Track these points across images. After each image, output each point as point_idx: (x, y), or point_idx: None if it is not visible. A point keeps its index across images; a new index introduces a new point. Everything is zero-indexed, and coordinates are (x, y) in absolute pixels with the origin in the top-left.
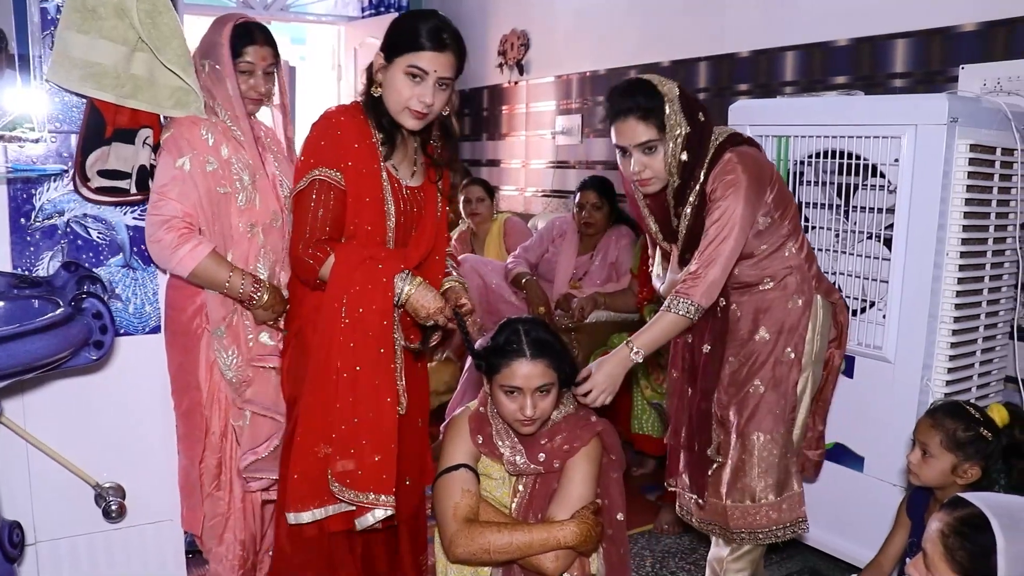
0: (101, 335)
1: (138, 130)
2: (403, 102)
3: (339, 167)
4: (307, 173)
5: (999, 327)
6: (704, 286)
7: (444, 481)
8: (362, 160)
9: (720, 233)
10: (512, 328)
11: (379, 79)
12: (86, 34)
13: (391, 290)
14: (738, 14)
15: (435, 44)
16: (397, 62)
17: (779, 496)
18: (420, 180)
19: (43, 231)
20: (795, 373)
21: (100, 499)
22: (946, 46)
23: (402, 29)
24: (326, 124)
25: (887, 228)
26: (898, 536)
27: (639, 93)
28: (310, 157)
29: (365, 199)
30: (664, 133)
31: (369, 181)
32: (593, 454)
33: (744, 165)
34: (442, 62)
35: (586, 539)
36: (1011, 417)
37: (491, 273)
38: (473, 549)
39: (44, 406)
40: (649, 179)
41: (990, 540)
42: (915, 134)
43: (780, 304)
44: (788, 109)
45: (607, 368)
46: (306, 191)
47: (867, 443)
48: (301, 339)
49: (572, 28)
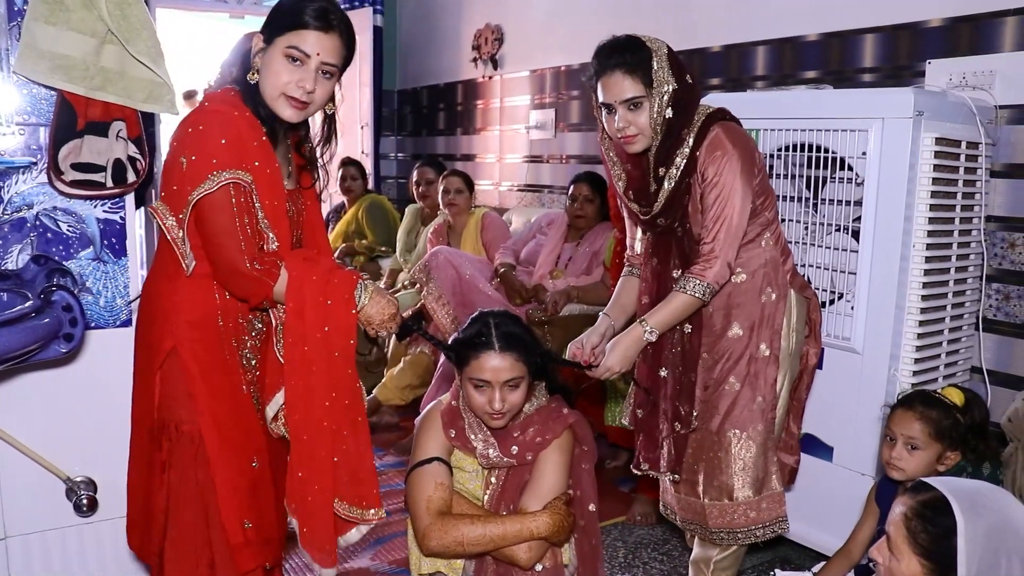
0: (71, 328)
1: (111, 123)
2: (280, 87)
3: (245, 167)
4: (210, 175)
5: (965, 318)
6: (717, 266)
7: (417, 475)
8: (263, 159)
9: (723, 211)
10: (483, 321)
11: (256, 64)
12: (53, 25)
13: (354, 305)
14: (709, 9)
15: (320, 23)
16: (277, 43)
17: (758, 495)
18: (294, 184)
19: (12, 224)
20: (772, 370)
21: (71, 493)
22: (913, 41)
23: (284, 8)
24: (221, 119)
25: (855, 220)
26: (867, 524)
27: (626, 48)
28: (210, 157)
29: (273, 202)
30: (651, 89)
31: (274, 182)
32: (565, 445)
33: (733, 140)
34: (326, 44)
35: (558, 530)
36: (965, 397)
37: (465, 264)
38: (447, 542)
39: (14, 399)
40: (634, 136)
41: (951, 523)
42: (882, 127)
43: (753, 298)
44: (758, 103)
45: (621, 349)
46: (219, 197)
47: (836, 433)
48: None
49: (546, 22)
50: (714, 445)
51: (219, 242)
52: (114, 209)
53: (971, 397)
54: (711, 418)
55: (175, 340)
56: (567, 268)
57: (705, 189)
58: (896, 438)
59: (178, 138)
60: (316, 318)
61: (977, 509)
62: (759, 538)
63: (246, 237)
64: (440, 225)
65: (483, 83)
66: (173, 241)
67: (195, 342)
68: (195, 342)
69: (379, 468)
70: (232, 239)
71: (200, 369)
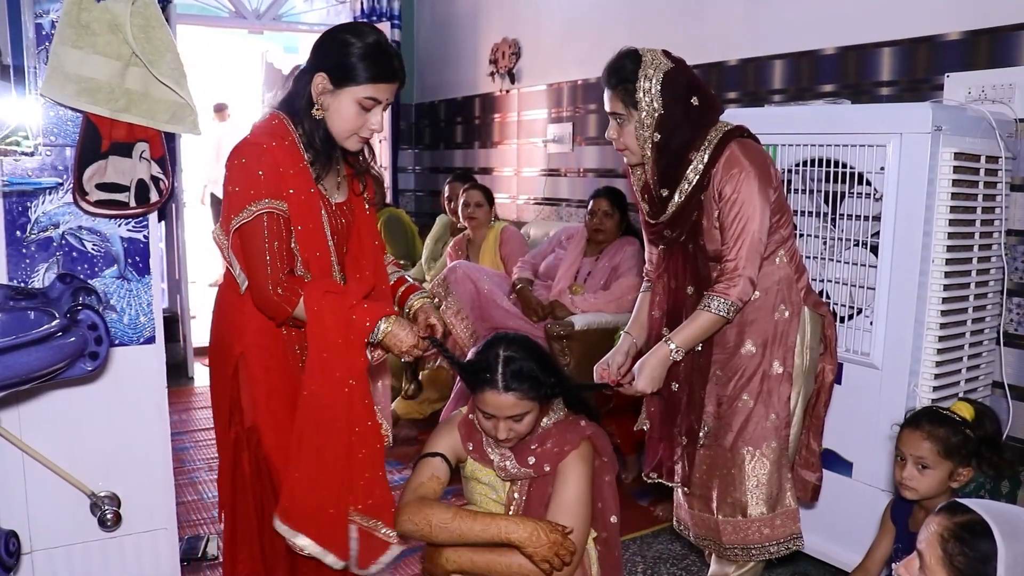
0: (96, 346)
1: (135, 143)
2: (353, 130)
3: (282, 196)
4: (248, 205)
5: (985, 332)
6: (740, 284)
7: (420, 464)
8: (299, 186)
9: (744, 228)
10: (492, 351)
11: (323, 103)
12: (80, 49)
13: (363, 345)
14: (726, 22)
15: (390, 77)
16: (348, 91)
17: (772, 511)
18: (345, 195)
19: (38, 243)
20: (785, 387)
21: (95, 508)
22: (931, 55)
23: (350, 56)
24: (259, 152)
25: (874, 235)
26: (883, 541)
27: (618, 66)
28: (249, 188)
29: (309, 226)
30: (634, 110)
31: (310, 207)
32: (586, 455)
33: (750, 157)
34: (394, 90)
35: (530, 538)
36: (976, 411)
37: (483, 279)
38: (416, 520)
39: (40, 416)
40: (622, 149)
41: (990, 547)
42: (900, 142)
43: (766, 315)
44: (775, 117)
45: (648, 370)
46: (253, 225)
47: (855, 449)
48: (245, 363)
49: (563, 37)
50: (728, 462)
51: (251, 265)
52: (138, 228)
53: (982, 410)
54: (725, 435)
55: (243, 347)
56: (586, 282)
57: (724, 207)
58: (906, 458)
59: (227, 168)
60: (331, 354)
61: (1017, 535)
62: (773, 555)
63: (275, 262)
64: (460, 239)
65: (500, 97)
66: (227, 263)
67: (261, 348)
68: (261, 348)
69: (397, 482)
70: (260, 264)
71: (264, 372)
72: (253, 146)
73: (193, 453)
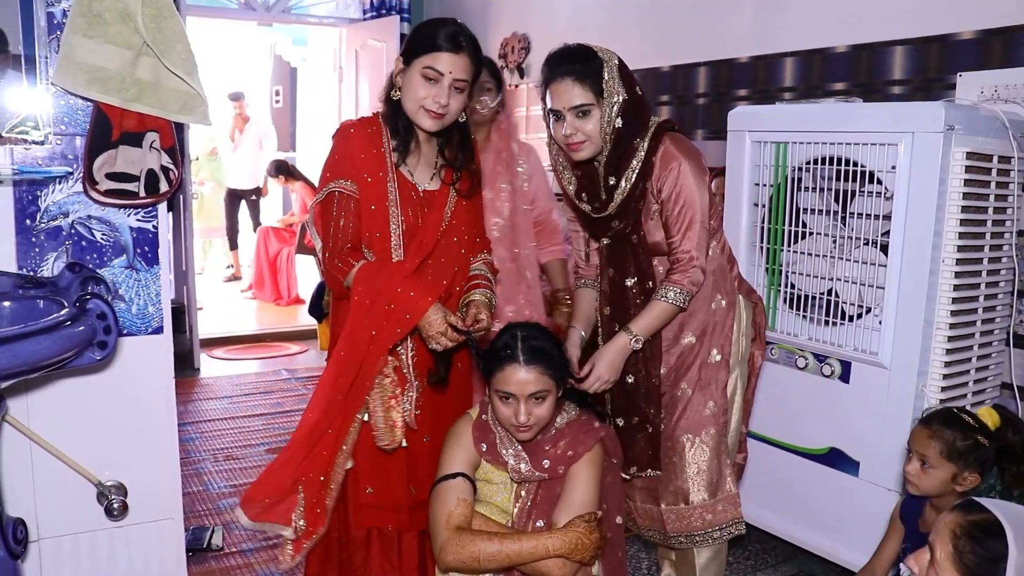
0: (105, 335)
1: (145, 133)
2: (419, 102)
3: (351, 177)
4: (325, 185)
5: (995, 333)
6: (693, 272)
7: (440, 489)
8: (369, 169)
9: (691, 217)
10: (511, 333)
11: (398, 82)
12: (91, 38)
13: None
14: (736, 19)
15: (451, 46)
16: (414, 64)
17: (713, 498)
18: (439, 183)
19: (48, 232)
20: (723, 374)
21: (102, 497)
22: (944, 54)
23: (421, 34)
24: (340, 137)
25: (884, 234)
26: (891, 541)
27: (577, 58)
28: (327, 171)
29: (372, 207)
30: (601, 98)
31: (376, 189)
32: (596, 459)
33: (684, 151)
34: (458, 64)
35: (575, 548)
36: (1002, 420)
37: None
38: (463, 557)
39: (48, 405)
40: (580, 143)
41: (1002, 548)
42: (912, 141)
43: (703, 305)
44: (786, 115)
45: (608, 358)
46: (326, 203)
47: (862, 448)
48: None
49: (572, 32)
50: (668, 450)
51: (321, 236)
52: (147, 218)
53: (1009, 419)
54: (665, 424)
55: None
56: None
57: (667, 202)
58: (913, 454)
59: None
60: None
61: None
62: (716, 540)
63: (338, 235)
64: None
65: (510, 91)
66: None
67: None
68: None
69: None
70: (326, 236)
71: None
72: (340, 131)
73: (199, 444)
